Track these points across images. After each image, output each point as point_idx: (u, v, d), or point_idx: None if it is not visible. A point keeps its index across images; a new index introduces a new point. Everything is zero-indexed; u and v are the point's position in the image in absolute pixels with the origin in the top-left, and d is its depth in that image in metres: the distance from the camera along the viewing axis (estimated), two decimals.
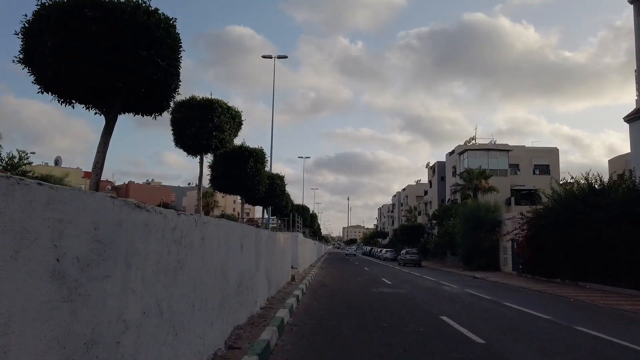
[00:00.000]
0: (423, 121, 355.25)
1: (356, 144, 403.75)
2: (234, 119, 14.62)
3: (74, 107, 7.86)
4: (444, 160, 59.94)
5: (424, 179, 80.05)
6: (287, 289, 13.75)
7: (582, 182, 20.20)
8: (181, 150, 14.68)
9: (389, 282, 19.96)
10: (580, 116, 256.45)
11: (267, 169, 21.89)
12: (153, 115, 8.62)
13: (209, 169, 18.25)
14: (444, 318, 9.91)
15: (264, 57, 29.73)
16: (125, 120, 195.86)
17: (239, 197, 25.53)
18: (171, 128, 14.09)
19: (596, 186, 19.31)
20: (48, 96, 7.26)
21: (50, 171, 58.70)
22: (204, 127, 13.61)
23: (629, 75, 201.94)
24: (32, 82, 6.96)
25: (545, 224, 20.91)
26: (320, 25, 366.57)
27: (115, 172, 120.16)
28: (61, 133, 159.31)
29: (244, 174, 17.75)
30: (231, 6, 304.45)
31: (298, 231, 24.32)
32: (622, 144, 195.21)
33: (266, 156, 19.01)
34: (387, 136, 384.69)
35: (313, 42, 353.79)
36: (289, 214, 28.28)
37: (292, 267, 19.25)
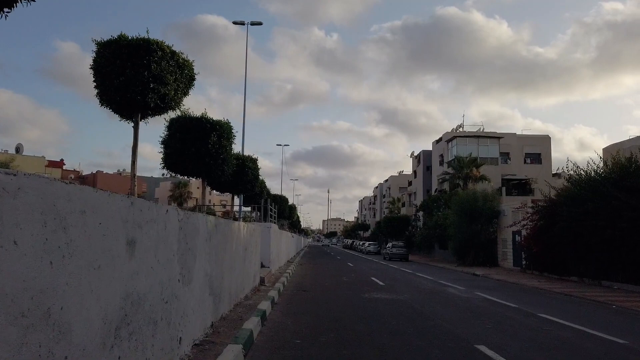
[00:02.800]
0: (399, 114, 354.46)
1: (333, 137, 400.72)
2: (182, 69, 10.75)
3: None
4: (430, 149, 56.87)
5: (406, 171, 76.97)
6: (251, 299, 10.13)
7: (609, 164, 17.03)
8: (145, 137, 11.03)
9: (381, 283, 16.55)
10: (552, 111, 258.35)
11: (237, 150, 18.48)
12: None
13: (162, 146, 14.60)
14: (484, 350, 6.49)
15: (235, 23, 26.01)
16: (97, 112, 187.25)
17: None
18: (93, 78, 10.28)
19: (631, 168, 16.05)
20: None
21: (6, 158, 54.14)
22: (137, 76, 9.80)
23: (599, 71, 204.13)
24: None
25: (564, 213, 17.73)
26: (295, 17, 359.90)
27: (86, 163, 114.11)
28: (31, 123, 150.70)
29: (204, 151, 14.07)
30: None
31: (271, 221, 20.64)
32: (592, 139, 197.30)
33: (233, 130, 15.32)
34: (364, 129, 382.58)
35: (288, 34, 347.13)
36: (264, 202, 24.59)
37: (263, 266, 15.65)
